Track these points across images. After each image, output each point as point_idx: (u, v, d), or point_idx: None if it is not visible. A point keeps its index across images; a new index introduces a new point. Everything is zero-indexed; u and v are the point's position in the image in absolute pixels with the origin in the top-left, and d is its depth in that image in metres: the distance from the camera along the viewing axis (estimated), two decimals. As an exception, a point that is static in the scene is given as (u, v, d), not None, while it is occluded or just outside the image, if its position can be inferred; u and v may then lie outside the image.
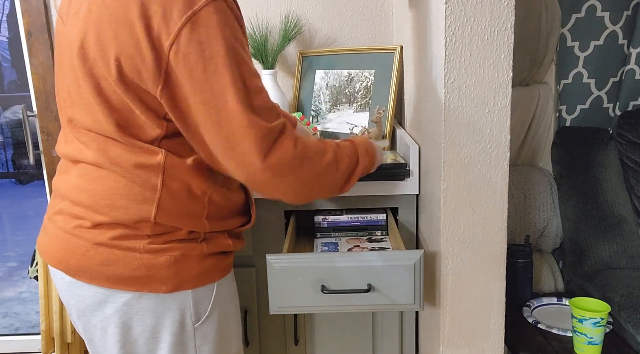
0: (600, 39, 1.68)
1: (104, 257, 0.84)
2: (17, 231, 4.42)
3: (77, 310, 0.90)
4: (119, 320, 0.86)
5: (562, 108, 1.75)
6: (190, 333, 0.89)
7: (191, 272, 0.87)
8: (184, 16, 0.75)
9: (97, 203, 0.85)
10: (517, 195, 1.68)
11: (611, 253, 1.59)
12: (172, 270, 0.85)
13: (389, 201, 1.24)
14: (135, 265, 0.84)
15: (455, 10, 0.94)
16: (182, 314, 0.88)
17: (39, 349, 2.11)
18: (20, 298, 3.09)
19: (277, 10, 1.75)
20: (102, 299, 0.86)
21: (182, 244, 0.87)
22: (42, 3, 1.74)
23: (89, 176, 0.86)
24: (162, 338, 0.88)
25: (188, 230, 0.87)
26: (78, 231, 0.86)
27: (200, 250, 0.89)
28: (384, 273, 1.00)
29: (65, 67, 0.87)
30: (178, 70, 0.77)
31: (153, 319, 0.87)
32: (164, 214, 0.85)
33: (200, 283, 0.89)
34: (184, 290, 0.87)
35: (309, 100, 1.66)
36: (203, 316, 0.90)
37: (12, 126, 5.56)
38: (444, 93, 0.98)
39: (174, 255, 0.86)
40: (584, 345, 1.28)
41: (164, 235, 0.86)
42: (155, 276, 0.85)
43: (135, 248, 0.84)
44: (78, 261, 0.85)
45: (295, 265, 0.99)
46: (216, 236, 0.92)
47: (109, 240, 0.84)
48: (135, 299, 0.85)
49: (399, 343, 1.33)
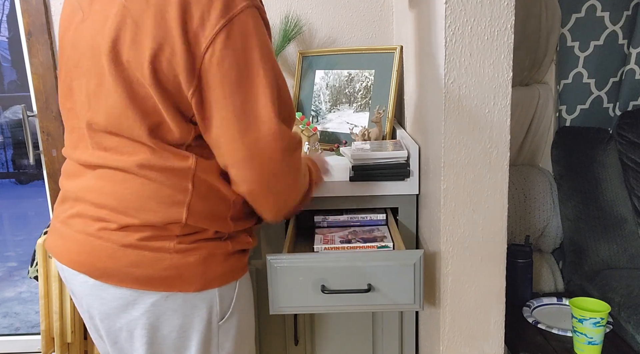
0: (600, 39, 1.68)
1: (132, 258, 0.83)
2: (17, 231, 4.42)
3: (100, 313, 0.88)
4: (146, 321, 0.86)
5: (562, 108, 1.75)
6: (215, 331, 0.90)
7: (217, 271, 0.88)
8: (221, 20, 0.76)
9: (124, 206, 0.83)
10: (517, 195, 1.68)
11: (611, 253, 1.59)
12: (201, 269, 0.86)
13: (389, 201, 1.24)
14: (165, 265, 0.84)
15: (455, 10, 0.94)
16: (209, 313, 0.88)
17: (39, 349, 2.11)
18: (20, 298, 3.09)
19: (277, 10, 1.75)
20: (129, 301, 0.85)
21: (210, 243, 0.88)
22: (42, 3, 1.74)
23: (112, 179, 0.85)
24: (191, 337, 0.88)
25: (215, 230, 0.88)
26: (103, 233, 0.84)
27: (226, 249, 0.90)
28: (384, 273, 1.00)
29: (85, 68, 0.84)
30: (211, 74, 0.78)
31: (181, 319, 0.87)
32: (194, 216, 0.85)
33: (226, 281, 0.90)
34: (211, 288, 0.88)
35: (309, 100, 1.66)
36: (227, 313, 0.91)
37: (12, 126, 5.56)
38: (444, 93, 0.98)
39: (202, 254, 0.86)
40: (584, 345, 1.28)
41: (192, 235, 0.86)
42: (185, 276, 0.85)
43: (165, 249, 0.84)
44: (104, 263, 0.84)
45: (295, 265, 0.99)
46: (239, 234, 0.93)
47: (137, 241, 0.83)
48: (164, 299, 0.85)
49: (399, 343, 1.33)
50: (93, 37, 0.82)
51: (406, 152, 1.20)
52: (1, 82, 5.99)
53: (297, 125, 1.48)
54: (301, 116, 1.55)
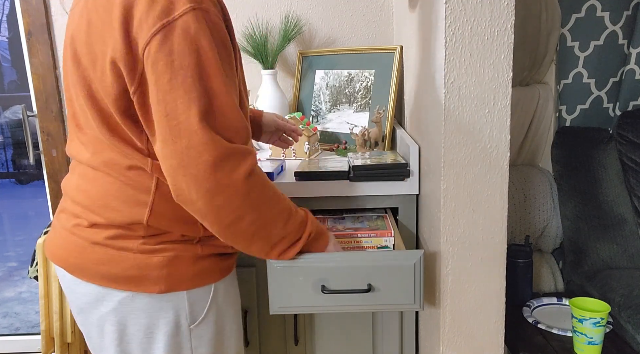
0: (600, 39, 1.68)
1: (99, 256, 0.85)
2: (17, 231, 4.42)
3: (76, 307, 0.91)
4: (114, 319, 0.87)
5: (562, 108, 1.75)
6: (185, 334, 0.89)
7: (186, 273, 0.87)
8: (158, 23, 0.74)
9: (93, 204, 0.85)
10: (517, 195, 1.68)
11: (611, 253, 1.59)
12: (165, 270, 0.85)
13: (389, 201, 1.24)
14: (128, 264, 0.84)
15: (455, 10, 0.94)
16: (176, 315, 0.88)
17: (39, 349, 2.11)
18: (20, 298, 3.09)
19: (277, 10, 1.75)
20: (98, 297, 0.87)
21: (176, 245, 0.87)
22: (42, 3, 1.74)
23: (86, 176, 0.87)
24: (157, 338, 0.88)
25: (181, 233, 0.87)
26: (77, 229, 0.87)
27: (194, 252, 0.88)
28: (384, 273, 1.00)
29: (67, 66, 0.87)
30: (148, 76, 0.76)
31: (147, 319, 0.87)
32: (157, 217, 0.85)
33: (196, 285, 0.88)
34: (178, 290, 0.87)
35: (309, 100, 1.66)
36: (199, 317, 0.90)
37: (12, 126, 5.56)
38: (444, 93, 0.98)
39: (167, 255, 0.85)
40: (584, 345, 1.28)
41: (158, 236, 0.86)
42: (148, 277, 0.85)
43: (129, 248, 0.84)
44: (76, 259, 0.86)
45: (295, 265, 0.99)
46: (213, 239, 0.90)
47: (104, 240, 0.85)
48: (130, 298, 0.86)
49: (399, 343, 1.33)
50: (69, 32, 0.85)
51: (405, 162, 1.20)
52: (1, 82, 5.98)
53: (297, 126, 1.48)
54: (301, 116, 1.55)
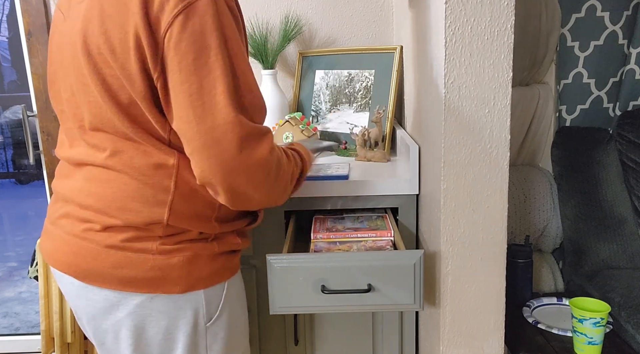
0: (600, 39, 1.68)
1: (115, 260, 0.83)
2: (17, 231, 4.42)
3: (87, 314, 0.89)
4: (131, 323, 0.86)
5: (562, 108, 1.75)
6: (202, 333, 0.89)
7: (203, 272, 0.87)
8: (180, 4, 0.75)
9: (107, 207, 0.84)
10: (517, 195, 1.68)
11: (611, 253, 1.59)
12: (185, 270, 0.85)
13: (389, 201, 1.24)
14: (148, 266, 0.83)
15: (455, 10, 0.94)
16: (195, 315, 0.88)
17: (39, 349, 2.11)
18: (20, 298, 3.09)
19: (277, 10, 1.75)
20: (114, 302, 0.85)
21: (194, 244, 0.87)
22: (42, 3, 1.74)
23: (97, 179, 0.85)
24: (177, 339, 0.88)
25: (199, 231, 0.87)
26: (87, 234, 0.85)
27: (212, 250, 0.89)
28: (384, 273, 1.00)
29: (67, 67, 0.86)
30: (169, 58, 0.76)
31: (167, 321, 0.86)
32: (176, 216, 0.84)
33: (212, 283, 0.89)
34: (196, 290, 0.87)
35: (309, 100, 1.66)
36: (214, 315, 0.90)
37: (12, 126, 5.56)
38: (444, 93, 0.98)
39: (186, 255, 0.85)
40: (584, 345, 1.28)
41: (175, 236, 0.85)
42: (169, 277, 0.84)
43: (148, 250, 0.84)
44: (89, 264, 0.84)
45: (295, 265, 0.99)
46: (226, 236, 0.92)
47: (120, 242, 0.83)
48: (148, 301, 0.85)
49: (399, 343, 1.33)
50: (71, 35, 0.83)
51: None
52: (1, 82, 5.99)
53: (297, 125, 1.48)
54: (301, 116, 1.55)
